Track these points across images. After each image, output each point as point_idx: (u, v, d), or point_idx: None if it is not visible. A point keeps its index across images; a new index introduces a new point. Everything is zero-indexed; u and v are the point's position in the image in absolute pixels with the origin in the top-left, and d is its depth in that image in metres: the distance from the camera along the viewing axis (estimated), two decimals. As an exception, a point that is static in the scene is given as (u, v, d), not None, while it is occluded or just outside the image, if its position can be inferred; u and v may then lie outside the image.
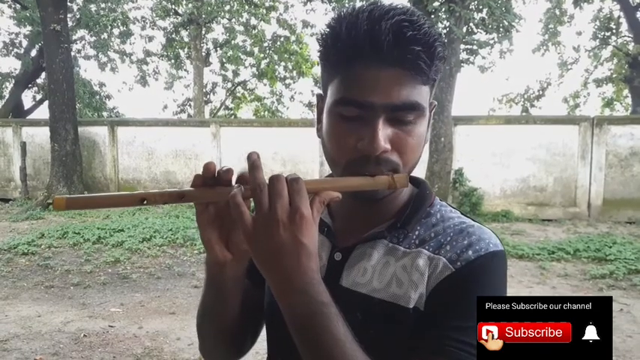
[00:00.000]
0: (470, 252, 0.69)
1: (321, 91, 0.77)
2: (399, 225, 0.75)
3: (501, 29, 9.74)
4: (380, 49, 0.65)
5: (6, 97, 16.06)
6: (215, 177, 0.64)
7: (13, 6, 15.41)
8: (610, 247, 6.50)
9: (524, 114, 16.24)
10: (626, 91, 17.02)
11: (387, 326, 0.70)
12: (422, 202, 0.77)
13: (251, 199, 0.62)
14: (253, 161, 0.61)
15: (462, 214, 0.78)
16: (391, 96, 0.66)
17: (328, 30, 0.70)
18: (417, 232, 0.74)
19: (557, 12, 15.66)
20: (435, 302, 0.69)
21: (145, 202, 0.62)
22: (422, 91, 0.68)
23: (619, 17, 15.05)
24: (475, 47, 10.07)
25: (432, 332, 0.67)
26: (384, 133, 0.66)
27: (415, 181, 0.80)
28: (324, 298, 0.61)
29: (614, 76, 16.55)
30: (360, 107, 0.67)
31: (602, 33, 15.78)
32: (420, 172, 9.45)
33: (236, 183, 0.64)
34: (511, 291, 5.07)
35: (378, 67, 0.66)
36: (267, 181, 0.60)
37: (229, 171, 0.65)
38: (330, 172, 0.78)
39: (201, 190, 0.65)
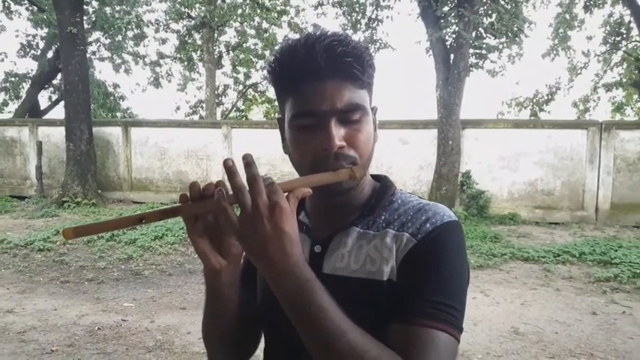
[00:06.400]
0: (428, 225, 0.82)
1: (280, 115, 0.90)
2: (366, 213, 0.88)
3: (510, 34, 9.75)
4: (318, 66, 0.79)
5: (23, 98, 16.33)
6: (201, 194, 0.73)
7: (30, 8, 15.69)
8: (616, 250, 6.51)
9: (532, 118, 16.17)
10: (636, 96, 16.89)
11: (365, 300, 0.80)
12: (384, 192, 0.91)
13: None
14: (229, 168, 0.69)
15: (419, 197, 0.91)
16: (336, 102, 0.79)
17: (274, 62, 0.84)
18: (383, 217, 0.87)
19: (568, 16, 15.55)
20: (405, 272, 0.80)
21: (144, 220, 0.69)
22: (361, 94, 0.83)
23: (629, 22, 14.94)
24: (484, 52, 10.10)
25: (408, 298, 0.77)
26: (337, 133, 0.79)
27: (377, 178, 0.95)
28: (309, 275, 0.70)
29: (624, 80, 16.42)
30: (314, 115, 0.80)
31: (613, 38, 15.66)
32: (427, 174, 9.52)
33: (216, 188, 0.72)
34: (515, 292, 5.11)
35: (321, 80, 0.80)
36: (246, 185, 0.69)
37: (211, 185, 0.73)
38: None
39: (191, 204, 0.73)
